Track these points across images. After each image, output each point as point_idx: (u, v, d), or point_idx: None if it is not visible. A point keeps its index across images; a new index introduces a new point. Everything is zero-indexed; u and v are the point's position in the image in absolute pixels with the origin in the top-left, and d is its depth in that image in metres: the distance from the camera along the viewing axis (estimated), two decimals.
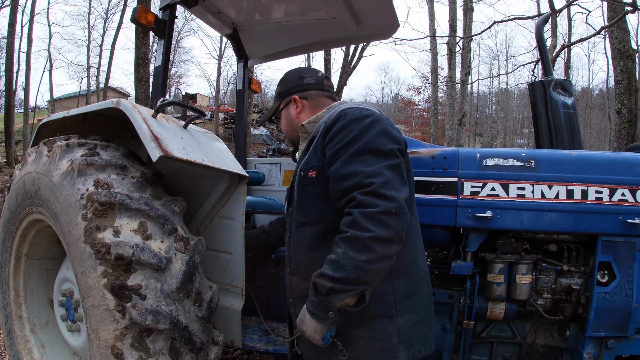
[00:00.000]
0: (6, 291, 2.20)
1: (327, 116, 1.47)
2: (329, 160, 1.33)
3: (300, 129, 1.62)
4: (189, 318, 1.55)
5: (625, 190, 1.69)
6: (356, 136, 1.29)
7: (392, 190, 1.18)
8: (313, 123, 1.59)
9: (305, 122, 1.59)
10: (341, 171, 1.26)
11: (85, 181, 1.55)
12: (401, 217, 1.17)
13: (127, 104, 1.74)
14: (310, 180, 1.42)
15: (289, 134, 1.72)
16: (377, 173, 1.20)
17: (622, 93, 7.22)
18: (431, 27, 15.11)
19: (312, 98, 1.67)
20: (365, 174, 1.21)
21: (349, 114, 1.36)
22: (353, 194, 1.20)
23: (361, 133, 1.29)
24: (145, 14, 2.26)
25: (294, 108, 1.67)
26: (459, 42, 12.10)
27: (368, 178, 1.20)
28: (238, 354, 3.20)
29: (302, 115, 1.66)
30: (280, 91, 1.72)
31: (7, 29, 15.74)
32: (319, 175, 1.40)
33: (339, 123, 1.34)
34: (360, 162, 1.24)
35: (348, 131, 1.31)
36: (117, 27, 25.43)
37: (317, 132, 1.47)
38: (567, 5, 10.40)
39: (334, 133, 1.34)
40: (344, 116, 1.36)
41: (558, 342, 1.86)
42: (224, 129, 26.71)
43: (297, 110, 1.66)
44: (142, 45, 8.35)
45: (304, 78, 1.69)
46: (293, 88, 1.69)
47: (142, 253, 1.46)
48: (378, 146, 1.27)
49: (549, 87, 2.28)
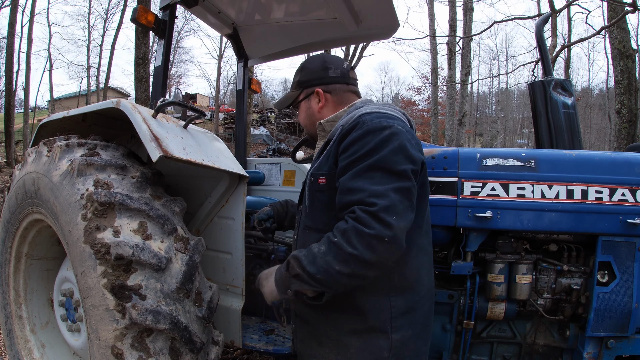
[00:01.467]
0: (6, 291, 2.20)
1: (346, 119, 1.39)
2: (340, 171, 1.28)
3: (319, 127, 1.53)
4: (189, 318, 1.55)
5: (625, 190, 1.69)
6: (370, 150, 1.22)
7: (394, 216, 1.13)
8: (332, 122, 1.50)
9: (324, 121, 1.51)
10: (348, 184, 1.22)
11: (85, 181, 1.55)
12: (392, 247, 1.13)
13: (127, 104, 1.74)
14: (319, 187, 1.38)
15: (308, 128, 1.62)
16: (383, 194, 1.15)
17: (622, 93, 7.22)
18: (431, 27, 15.11)
19: (337, 93, 1.55)
20: (370, 193, 1.16)
21: (367, 122, 1.27)
22: (353, 208, 1.17)
23: (376, 147, 1.22)
24: (145, 14, 2.27)
25: (316, 102, 1.55)
26: (459, 42, 12.10)
27: (372, 197, 1.15)
28: (238, 354, 3.20)
29: (324, 111, 1.55)
30: (300, 80, 1.57)
31: (7, 29, 15.75)
32: (328, 184, 1.35)
33: (355, 132, 1.27)
34: (368, 179, 1.19)
35: (363, 143, 1.23)
36: (117, 27, 25.45)
37: (333, 134, 1.41)
38: (567, 5, 10.40)
39: (349, 143, 1.27)
40: (361, 124, 1.28)
41: (558, 342, 1.86)
42: (224, 129, 26.70)
43: (320, 105, 1.54)
44: (142, 45, 8.35)
45: (329, 69, 1.55)
46: (316, 79, 1.55)
47: (142, 253, 1.46)
48: (390, 165, 1.20)
49: (549, 87, 2.28)
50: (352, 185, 1.20)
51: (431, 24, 15.11)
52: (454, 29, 12.41)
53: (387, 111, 1.37)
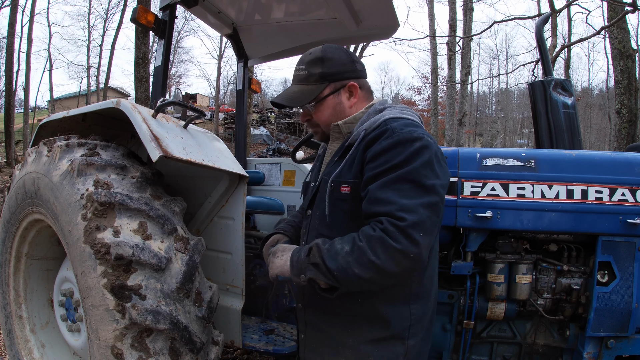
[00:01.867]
0: (6, 291, 2.20)
1: (368, 123, 1.33)
2: (367, 180, 1.23)
3: (334, 128, 1.44)
4: (189, 318, 1.55)
5: (625, 190, 1.69)
6: (401, 162, 1.18)
7: (421, 233, 1.12)
8: (350, 124, 1.41)
9: (342, 123, 1.41)
10: (377, 194, 1.18)
11: (85, 181, 1.55)
12: (415, 263, 1.13)
13: (127, 104, 1.74)
14: (342, 196, 1.31)
15: (327, 127, 1.46)
16: (412, 209, 1.13)
17: (622, 93, 7.22)
18: (431, 27, 15.10)
19: (365, 89, 1.45)
20: (400, 206, 1.13)
21: (396, 131, 1.23)
22: (381, 218, 1.15)
23: (407, 160, 1.18)
24: (145, 14, 2.27)
25: (347, 97, 1.42)
26: (459, 42, 12.10)
27: (401, 212, 1.12)
28: (238, 354, 3.20)
29: (354, 109, 1.43)
30: (326, 72, 1.39)
31: (7, 29, 15.75)
32: (352, 193, 1.29)
33: (385, 141, 1.22)
34: (397, 191, 1.16)
35: (394, 154, 1.20)
36: (117, 27, 25.45)
37: (354, 139, 1.34)
38: (567, 5, 10.40)
39: (378, 153, 1.22)
40: (390, 133, 1.23)
41: (558, 342, 1.86)
42: (224, 129, 26.70)
43: (353, 101, 1.42)
44: (142, 45, 8.35)
45: (356, 63, 1.44)
46: (348, 72, 1.41)
47: (142, 253, 1.46)
48: (421, 178, 1.17)
49: (549, 87, 2.28)
50: (381, 195, 1.17)
51: (431, 24, 15.11)
52: (454, 29, 12.41)
53: (411, 117, 1.33)
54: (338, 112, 1.43)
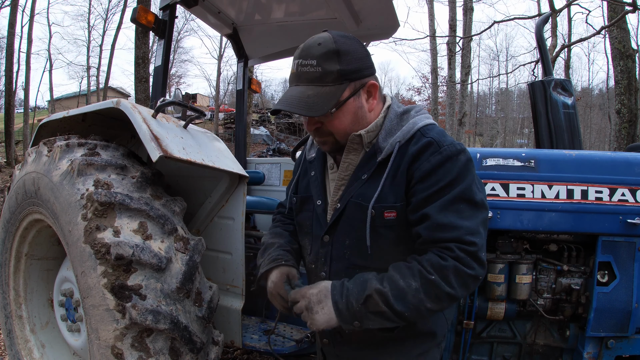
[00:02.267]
0: (6, 291, 2.20)
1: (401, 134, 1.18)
2: (420, 203, 1.12)
3: (353, 139, 1.21)
4: (189, 318, 1.55)
5: (625, 190, 1.69)
6: (454, 180, 1.10)
7: (484, 252, 1.09)
8: (371, 133, 1.22)
9: (364, 132, 1.20)
10: (437, 219, 1.08)
11: (85, 181, 1.55)
12: (479, 282, 1.12)
13: (127, 104, 1.74)
14: (386, 223, 1.17)
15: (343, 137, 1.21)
16: (477, 231, 1.09)
17: (622, 93, 7.22)
18: (431, 27, 15.10)
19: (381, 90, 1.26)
20: (466, 230, 1.08)
21: (441, 144, 1.13)
22: (450, 245, 1.07)
23: (459, 176, 1.11)
24: (145, 14, 2.27)
25: (366, 99, 1.21)
26: (459, 42, 12.09)
27: (469, 236, 1.07)
28: (238, 354, 3.20)
29: (373, 114, 1.23)
30: (345, 69, 1.14)
31: (7, 29, 15.76)
32: (399, 218, 1.16)
33: (433, 157, 1.12)
34: (456, 212, 1.09)
35: (445, 172, 1.11)
36: (117, 27, 25.46)
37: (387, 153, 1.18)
38: (567, 5, 10.40)
39: (428, 171, 1.11)
40: (436, 147, 1.13)
41: (558, 342, 1.86)
42: (224, 129, 26.70)
43: (372, 104, 1.22)
44: (142, 45, 8.35)
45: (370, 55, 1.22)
46: (366, 68, 1.19)
47: (142, 253, 1.46)
48: (473, 195, 1.12)
49: (549, 87, 2.28)
50: (443, 220, 1.08)
51: (431, 24, 15.10)
52: (454, 29, 12.41)
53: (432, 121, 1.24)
54: (359, 118, 1.20)
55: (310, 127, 1.22)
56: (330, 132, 1.21)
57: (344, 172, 1.26)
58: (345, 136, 1.21)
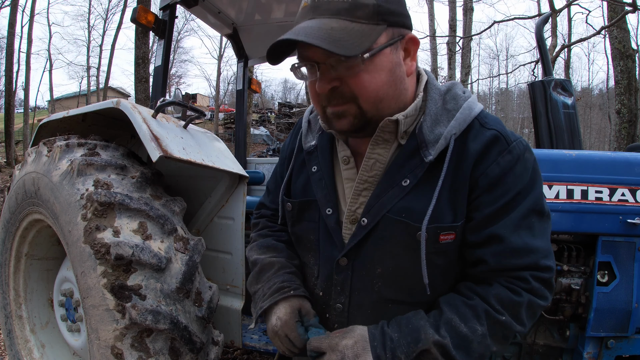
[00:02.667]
0: (6, 291, 2.20)
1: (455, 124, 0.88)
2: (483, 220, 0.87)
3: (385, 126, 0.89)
4: (188, 318, 1.55)
5: (625, 190, 1.69)
6: (526, 188, 0.87)
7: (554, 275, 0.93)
8: (410, 118, 0.90)
9: (401, 117, 0.88)
10: (511, 242, 0.86)
11: (85, 181, 1.55)
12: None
13: (127, 104, 1.74)
14: (441, 248, 0.89)
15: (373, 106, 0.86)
16: (549, 253, 0.90)
17: (622, 93, 7.22)
18: (431, 27, 15.12)
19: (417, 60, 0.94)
20: (542, 253, 0.88)
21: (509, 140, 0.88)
22: (525, 275, 0.87)
23: (531, 184, 0.88)
24: (145, 14, 2.27)
25: (402, 55, 0.87)
26: (459, 42, 12.10)
27: (544, 259, 0.88)
28: (238, 354, 3.20)
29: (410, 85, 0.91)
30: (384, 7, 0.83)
31: (7, 29, 15.76)
32: (457, 241, 0.90)
33: (503, 159, 0.86)
34: (529, 230, 0.87)
35: (516, 177, 0.86)
36: (117, 27, 25.47)
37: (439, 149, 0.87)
38: (567, 5, 10.40)
39: (498, 178, 0.85)
40: (505, 145, 0.87)
41: (558, 342, 1.86)
42: (224, 129, 26.71)
43: (411, 67, 0.89)
44: (142, 45, 8.36)
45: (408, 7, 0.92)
46: (408, 17, 0.89)
47: (142, 253, 1.46)
48: (542, 206, 0.90)
49: (549, 87, 2.28)
50: (518, 243, 0.86)
51: (431, 24, 15.12)
52: (454, 29, 12.42)
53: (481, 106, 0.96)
54: (397, 82, 0.86)
55: (325, 86, 0.84)
56: (355, 95, 0.84)
57: (369, 173, 0.93)
58: (376, 106, 0.86)
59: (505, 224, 0.86)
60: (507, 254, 0.86)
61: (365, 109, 0.85)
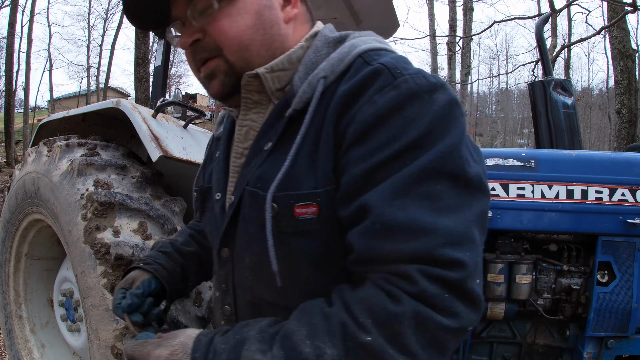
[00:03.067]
0: (6, 291, 2.20)
1: (328, 64, 0.70)
2: (355, 182, 0.61)
3: (249, 81, 0.73)
4: (188, 318, 1.55)
5: (625, 190, 1.69)
6: (424, 137, 0.59)
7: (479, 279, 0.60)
8: (282, 73, 0.74)
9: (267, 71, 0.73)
10: (385, 215, 0.57)
11: (85, 181, 1.55)
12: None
13: (127, 104, 1.74)
14: (300, 226, 0.66)
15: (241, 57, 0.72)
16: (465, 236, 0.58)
17: (622, 93, 7.23)
18: (431, 26, 15.12)
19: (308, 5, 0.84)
20: (448, 238, 0.56)
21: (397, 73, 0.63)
22: (409, 270, 0.56)
23: (437, 130, 0.60)
24: None
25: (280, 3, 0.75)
26: (459, 42, 12.10)
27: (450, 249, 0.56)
28: None
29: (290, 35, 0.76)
30: None
31: (7, 29, 15.77)
32: (321, 216, 0.66)
33: (382, 96, 0.61)
34: (425, 200, 0.58)
35: (405, 122, 0.60)
36: (117, 27, 25.54)
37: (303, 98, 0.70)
38: (567, 5, 10.40)
39: (374, 120, 0.61)
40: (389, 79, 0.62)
41: (558, 342, 1.86)
42: None
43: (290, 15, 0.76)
44: (142, 45, 8.37)
45: None
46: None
47: (142, 253, 1.46)
48: (462, 164, 0.61)
49: (549, 87, 2.28)
50: (397, 218, 0.57)
51: (431, 24, 15.12)
52: (454, 29, 12.42)
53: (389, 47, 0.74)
54: (266, 26, 0.72)
55: (186, 40, 0.73)
56: (218, 45, 0.72)
57: (243, 144, 0.78)
58: (242, 55, 0.72)
59: (382, 190, 0.58)
60: (380, 235, 0.57)
61: (232, 60, 0.72)
